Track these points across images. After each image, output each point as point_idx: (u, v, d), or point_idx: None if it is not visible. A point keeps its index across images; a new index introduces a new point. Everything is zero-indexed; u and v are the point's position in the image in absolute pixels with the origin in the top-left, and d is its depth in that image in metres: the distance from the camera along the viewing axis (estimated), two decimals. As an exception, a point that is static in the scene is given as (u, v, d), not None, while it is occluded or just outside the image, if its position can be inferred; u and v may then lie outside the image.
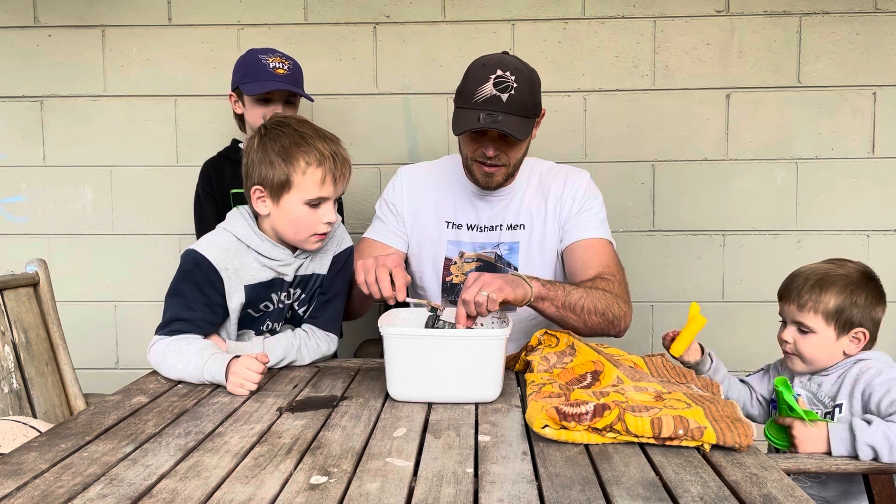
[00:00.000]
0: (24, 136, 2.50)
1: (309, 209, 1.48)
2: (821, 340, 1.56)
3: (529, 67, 1.72)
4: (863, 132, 2.41)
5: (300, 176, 1.45)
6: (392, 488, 0.95)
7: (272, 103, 2.01)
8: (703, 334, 1.61)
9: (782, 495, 0.92)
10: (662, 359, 1.45)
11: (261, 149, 1.48)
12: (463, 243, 1.82)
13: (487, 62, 1.67)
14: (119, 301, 2.52)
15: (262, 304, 1.56)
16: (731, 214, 2.45)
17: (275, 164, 1.45)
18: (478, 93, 1.63)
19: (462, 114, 1.66)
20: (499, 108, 1.61)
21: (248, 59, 2.05)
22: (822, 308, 1.55)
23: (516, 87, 1.62)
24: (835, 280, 1.56)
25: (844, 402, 1.53)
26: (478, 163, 1.72)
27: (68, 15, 2.46)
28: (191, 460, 1.05)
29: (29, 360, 1.67)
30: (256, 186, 1.49)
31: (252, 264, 1.52)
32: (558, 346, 1.49)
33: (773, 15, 2.39)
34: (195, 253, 1.48)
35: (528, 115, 1.66)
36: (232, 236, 1.52)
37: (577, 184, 1.82)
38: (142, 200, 2.50)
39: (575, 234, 1.78)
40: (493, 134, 1.66)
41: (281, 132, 1.48)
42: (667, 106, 2.42)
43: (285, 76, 2.01)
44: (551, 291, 1.53)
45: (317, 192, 1.46)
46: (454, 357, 1.29)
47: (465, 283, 1.42)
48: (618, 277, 1.70)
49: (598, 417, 1.10)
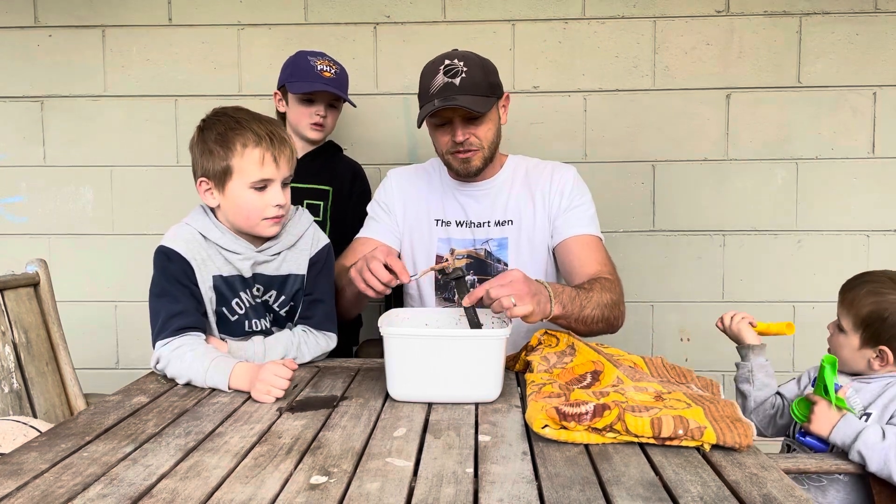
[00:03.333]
0: (24, 136, 2.50)
1: (255, 193, 1.46)
2: (846, 342, 1.60)
3: (482, 56, 1.75)
4: (863, 132, 2.40)
5: (239, 159, 1.44)
6: (392, 488, 0.95)
7: (315, 104, 2.04)
8: (703, 335, 1.61)
9: (782, 495, 0.92)
10: (662, 359, 1.45)
11: (200, 141, 1.48)
12: (453, 240, 1.83)
13: (436, 59, 1.72)
14: (119, 301, 2.52)
15: (234, 302, 1.54)
16: (731, 214, 2.45)
17: (214, 153, 1.45)
18: (431, 86, 1.67)
19: (422, 111, 1.69)
20: (453, 92, 1.64)
21: (297, 59, 2.07)
22: (855, 312, 1.58)
23: (467, 69, 1.66)
24: (886, 293, 1.56)
25: (875, 412, 1.53)
26: (452, 154, 1.74)
27: (68, 15, 2.46)
28: (191, 460, 1.05)
29: (29, 360, 1.67)
30: (201, 179, 1.49)
31: (215, 257, 1.51)
32: (558, 346, 1.49)
33: (773, 15, 2.39)
34: (164, 248, 1.49)
35: (486, 93, 1.68)
36: (193, 230, 1.51)
37: (564, 179, 1.82)
38: (142, 200, 2.50)
39: (567, 230, 1.78)
40: (456, 118, 1.68)
41: (216, 121, 1.48)
42: (667, 106, 2.42)
43: (331, 79, 2.04)
44: (567, 308, 1.50)
45: (258, 173, 1.45)
46: (454, 357, 1.29)
47: (503, 276, 1.40)
48: (615, 276, 1.71)
49: (597, 417, 1.10)
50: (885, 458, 1.41)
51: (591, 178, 2.42)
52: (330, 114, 2.07)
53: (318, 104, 2.04)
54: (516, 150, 1.95)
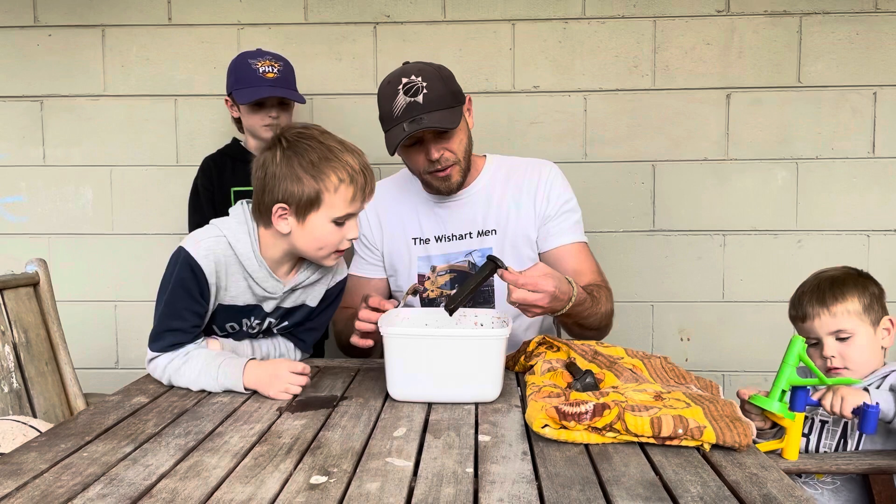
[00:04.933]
0: (24, 136, 2.50)
1: (334, 227, 1.39)
2: (863, 339, 1.54)
3: (435, 64, 1.70)
4: (863, 132, 2.40)
5: (331, 194, 1.36)
6: (392, 488, 0.95)
7: (265, 108, 2.02)
8: (703, 334, 1.60)
9: (782, 495, 0.92)
10: (662, 360, 1.45)
11: (285, 163, 1.36)
12: (433, 257, 1.79)
13: (391, 78, 1.66)
14: (119, 301, 2.52)
15: (229, 325, 1.52)
16: (731, 214, 2.45)
17: (303, 181, 1.35)
18: (393, 107, 1.62)
19: (389, 135, 1.64)
20: (418, 111, 1.59)
21: (239, 64, 2.04)
22: (853, 307, 1.54)
23: (426, 84, 1.61)
24: (844, 279, 1.57)
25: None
26: (430, 174, 1.69)
27: (68, 15, 2.46)
28: (191, 460, 1.05)
29: (29, 360, 1.67)
30: (280, 204, 1.37)
31: (236, 285, 1.46)
32: (558, 354, 1.49)
33: (773, 15, 2.39)
34: (192, 259, 1.40)
35: (451, 104, 1.64)
36: (228, 248, 1.43)
37: (550, 180, 1.78)
38: (142, 200, 2.50)
39: (556, 238, 1.76)
40: (426, 137, 1.64)
41: (308, 146, 1.37)
42: (667, 106, 2.42)
43: (276, 79, 2.00)
44: (574, 308, 1.52)
45: (346, 209, 1.38)
46: (454, 357, 1.29)
47: (540, 278, 1.40)
48: (607, 283, 1.74)
49: (597, 417, 1.10)
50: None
51: (591, 178, 2.43)
52: (282, 115, 2.03)
53: (267, 108, 2.01)
54: (516, 151, 1.95)
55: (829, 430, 1.58)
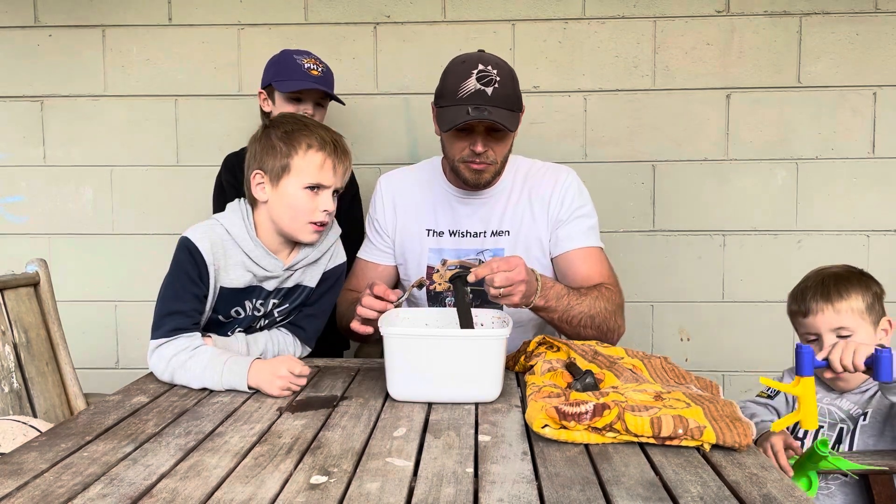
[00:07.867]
0: (24, 136, 2.50)
1: (308, 194, 1.47)
2: (863, 338, 1.51)
3: (509, 65, 1.70)
4: (863, 132, 2.41)
5: (300, 158, 1.46)
6: (392, 488, 0.95)
7: (303, 103, 2.02)
8: (703, 334, 1.59)
9: (782, 495, 0.92)
10: (662, 360, 1.45)
11: (264, 137, 1.50)
12: (445, 250, 1.78)
13: (467, 59, 1.65)
14: (119, 301, 2.52)
15: (233, 310, 1.54)
16: (731, 214, 2.45)
17: (276, 148, 1.47)
18: (461, 89, 1.60)
19: (447, 111, 1.63)
20: (485, 102, 1.59)
21: (283, 58, 2.05)
22: (857, 305, 1.53)
23: (500, 80, 1.61)
24: (849, 277, 1.57)
25: (870, 410, 1.53)
26: (465, 163, 1.68)
27: (68, 15, 2.46)
28: (191, 460, 1.05)
29: (29, 360, 1.67)
30: (257, 171, 1.49)
31: (235, 266, 1.50)
32: (559, 354, 1.49)
33: (773, 15, 2.39)
34: (188, 241, 1.47)
35: (514, 108, 1.65)
36: (224, 231, 1.50)
37: (565, 185, 1.77)
38: (142, 200, 2.50)
39: (568, 242, 1.75)
40: (480, 129, 1.63)
41: (284, 121, 1.52)
42: (667, 106, 2.42)
43: (319, 77, 2.02)
44: (551, 304, 1.54)
45: (316, 175, 1.46)
46: (454, 357, 1.29)
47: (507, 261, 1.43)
48: (617, 287, 1.71)
49: (597, 417, 1.10)
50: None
51: (591, 178, 2.42)
52: (317, 112, 2.04)
53: (305, 103, 2.01)
54: (516, 150, 1.94)
55: (825, 434, 1.58)
